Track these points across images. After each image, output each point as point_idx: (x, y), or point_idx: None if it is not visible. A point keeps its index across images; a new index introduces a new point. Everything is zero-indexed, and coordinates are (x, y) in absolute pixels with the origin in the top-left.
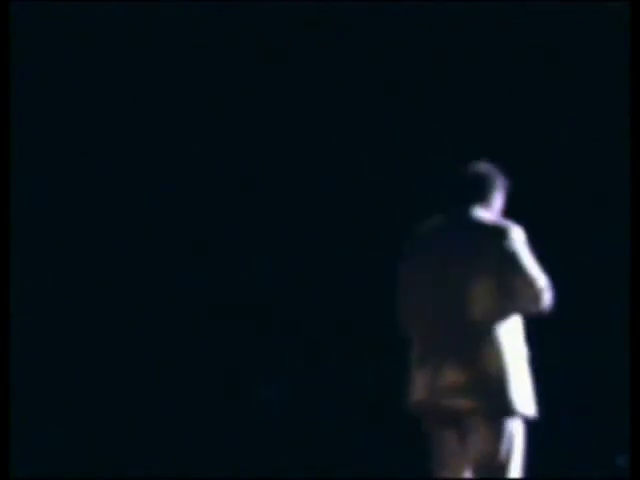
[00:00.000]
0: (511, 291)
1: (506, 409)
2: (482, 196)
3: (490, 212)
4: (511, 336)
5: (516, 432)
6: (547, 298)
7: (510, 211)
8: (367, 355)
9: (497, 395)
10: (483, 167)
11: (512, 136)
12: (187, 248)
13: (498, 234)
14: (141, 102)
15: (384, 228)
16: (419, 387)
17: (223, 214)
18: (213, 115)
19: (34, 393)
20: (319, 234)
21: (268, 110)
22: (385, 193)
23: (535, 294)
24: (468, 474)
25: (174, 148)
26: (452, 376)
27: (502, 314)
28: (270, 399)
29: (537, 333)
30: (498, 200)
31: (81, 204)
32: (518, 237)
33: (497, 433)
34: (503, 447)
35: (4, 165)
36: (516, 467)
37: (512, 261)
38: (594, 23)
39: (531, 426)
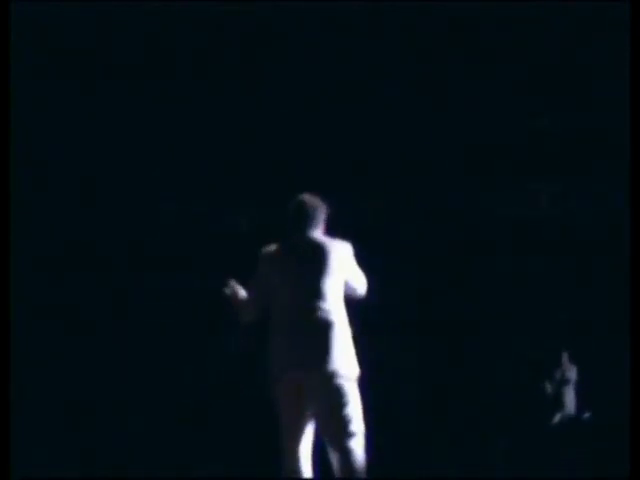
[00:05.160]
0: (346, 285)
1: (344, 372)
2: (316, 223)
3: (321, 231)
4: (343, 317)
5: (352, 391)
6: (365, 288)
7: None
8: None
9: (340, 362)
10: (313, 199)
11: None
12: None
13: (337, 248)
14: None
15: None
16: (278, 362)
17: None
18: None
19: (34, 396)
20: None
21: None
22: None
23: (362, 285)
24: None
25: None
26: (305, 349)
27: (339, 302)
28: None
29: None
30: (324, 222)
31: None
32: (349, 249)
33: (337, 392)
34: (344, 403)
35: (4, 165)
36: (359, 422)
37: (347, 265)
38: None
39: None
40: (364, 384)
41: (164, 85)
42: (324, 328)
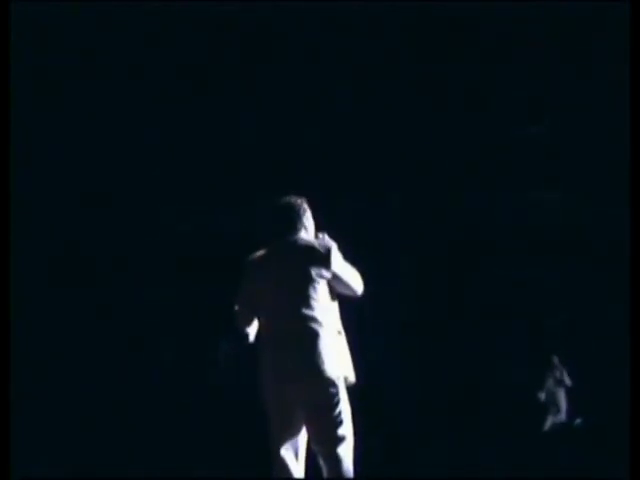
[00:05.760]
0: (339, 284)
1: (333, 379)
2: (301, 224)
3: (309, 232)
4: (332, 321)
5: (341, 395)
6: (361, 286)
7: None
8: None
9: (327, 369)
10: (297, 201)
11: None
12: None
13: (321, 250)
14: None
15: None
16: (267, 372)
17: None
18: None
19: (34, 396)
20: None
21: None
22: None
23: (356, 283)
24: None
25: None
26: (292, 359)
27: (328, 306)
28: None
29: None
30: (311, 221)
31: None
32: (334, 249)
33: (325, 397)
34: (332, 407)
35: (4, 165)
36: (348, 426)
37: (335, 266)
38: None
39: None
40: (363, 385)
41: (164, 85)
42: (311, 337)
